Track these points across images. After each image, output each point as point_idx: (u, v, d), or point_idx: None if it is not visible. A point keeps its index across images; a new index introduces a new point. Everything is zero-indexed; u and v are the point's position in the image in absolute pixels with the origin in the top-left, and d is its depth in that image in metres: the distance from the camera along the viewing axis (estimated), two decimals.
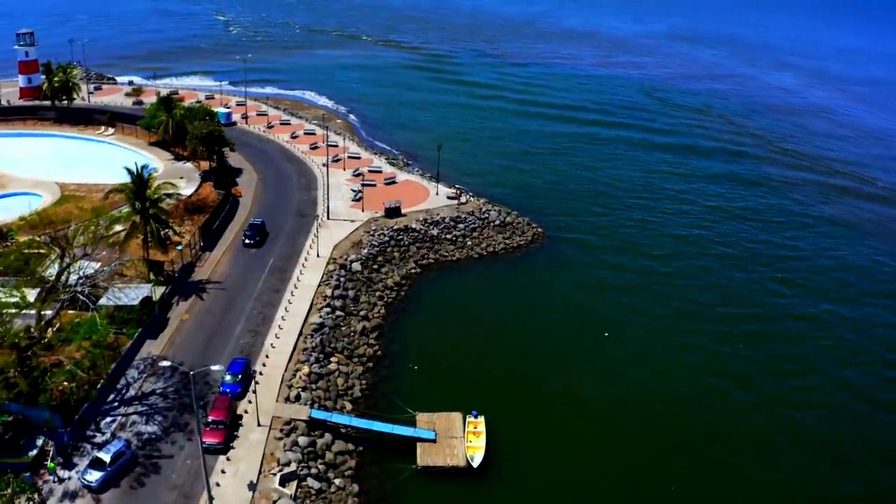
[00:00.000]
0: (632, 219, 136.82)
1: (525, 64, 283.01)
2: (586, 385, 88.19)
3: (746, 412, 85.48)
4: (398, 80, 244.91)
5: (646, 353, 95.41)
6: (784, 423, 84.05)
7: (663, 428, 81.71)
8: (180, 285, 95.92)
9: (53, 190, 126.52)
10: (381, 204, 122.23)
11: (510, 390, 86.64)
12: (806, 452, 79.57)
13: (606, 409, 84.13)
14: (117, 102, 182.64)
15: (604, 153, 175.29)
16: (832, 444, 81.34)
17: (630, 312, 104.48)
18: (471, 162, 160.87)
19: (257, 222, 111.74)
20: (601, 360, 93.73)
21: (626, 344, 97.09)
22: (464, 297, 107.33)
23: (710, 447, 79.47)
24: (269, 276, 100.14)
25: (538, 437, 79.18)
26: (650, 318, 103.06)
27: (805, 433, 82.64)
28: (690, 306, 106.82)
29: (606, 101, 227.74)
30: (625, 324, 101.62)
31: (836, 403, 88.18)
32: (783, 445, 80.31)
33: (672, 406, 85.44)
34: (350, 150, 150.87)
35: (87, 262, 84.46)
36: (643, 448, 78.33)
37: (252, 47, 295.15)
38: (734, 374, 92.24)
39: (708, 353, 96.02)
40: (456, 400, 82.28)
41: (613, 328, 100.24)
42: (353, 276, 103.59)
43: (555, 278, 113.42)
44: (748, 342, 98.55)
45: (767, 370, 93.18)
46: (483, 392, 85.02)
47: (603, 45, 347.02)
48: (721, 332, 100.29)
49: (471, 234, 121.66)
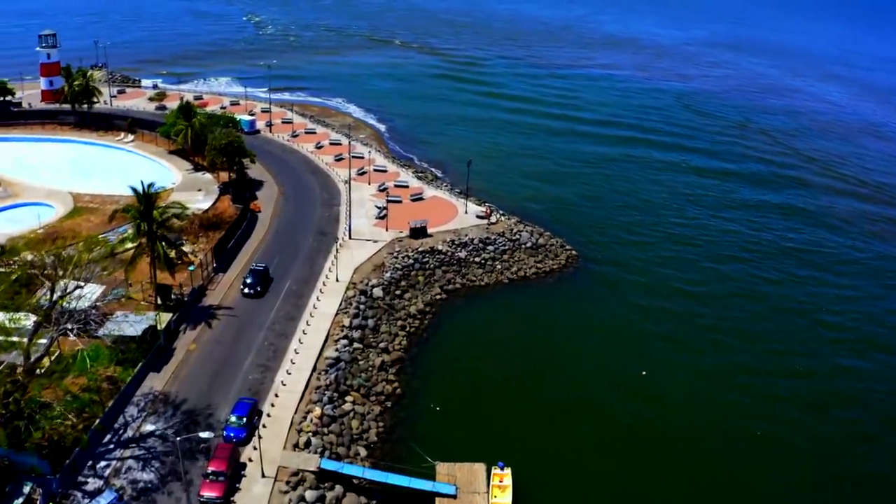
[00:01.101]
0: (670, 244, 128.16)
1: (561, 73, 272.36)
2: (624, 431, 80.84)
3: (804, 467, 77.52)
4: (429, 87, 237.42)
5: (688, 396, 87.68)
6: (851, 480, 76.05)
7: (712, 481, 74.08)
8: (189, 311, 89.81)
9: (66, 200, 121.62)
10: (406, 223, 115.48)
11: (540, 436, 79.38)
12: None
13: (647, 461, 76.61)
14: (140, 107, 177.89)
15: (640, 171, 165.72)
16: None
17: (669, 349, 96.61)
18: (502, 176, 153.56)
19: (259, 267, 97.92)
20: (639, 402, 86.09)
21: (665, 385, 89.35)
22: (491, 327, 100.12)
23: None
24: (285, 301, 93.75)
25: (571, 493, 71.90)
26: (690, 357, 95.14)
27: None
28: (735, 347, 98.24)
29: (644, 114, 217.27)
30: (663, 362, 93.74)
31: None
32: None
33: (719, 457, 77.94)
34: (376, 163, 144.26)
35: (88, 286, 78.72)
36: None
37: (281, 50, 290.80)
38: (783, 429, 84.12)
39: (757, 399, 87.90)
40: (480, 447, 75.51)
41: (651, 366, 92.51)
42: (373, 302, 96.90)
43: (589, 308, 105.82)
44: (793, 398, 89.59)
45: (822, 437, 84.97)
46: (510, 438, 78.15)
47: (643, 52, 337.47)
48: (768, 383, 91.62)
49: (500, 256, 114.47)
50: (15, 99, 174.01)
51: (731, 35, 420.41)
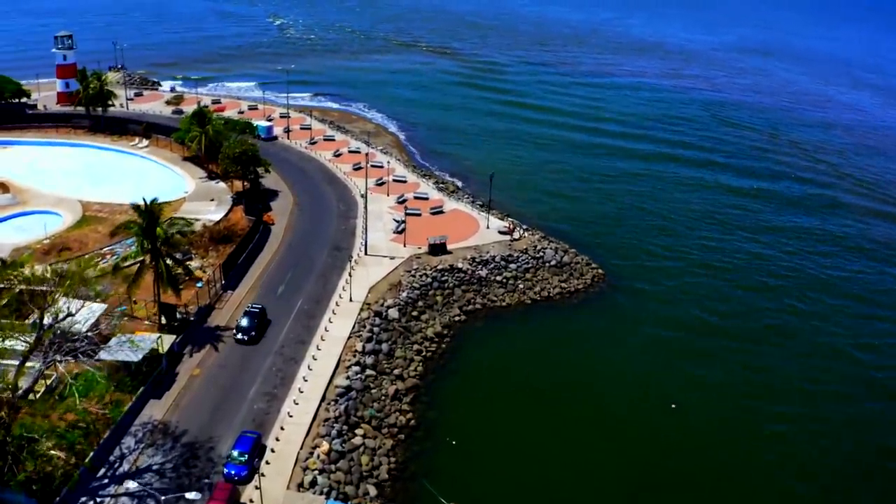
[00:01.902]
0: (699, 266, 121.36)
1: (587, 80, 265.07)
2: (652, 473, 75.43)
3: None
4: (452, 94, 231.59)
5: (719, 436, 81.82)
6: None
7: None
8: (194, 332, 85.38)
9: (75, 209, 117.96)
10: (424, 238, 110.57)
11: (563, 476, 74.06)
12: None
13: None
14: (156, 111, 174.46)
15: (668, 186, 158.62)
16: None
17: (698, 383, 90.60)
18: (525, 188, 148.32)
19: (255, 309, 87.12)
20: (668, 438, 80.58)
21: (697, 420, 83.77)
22: (512, 352, 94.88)
23: None
24: (295, 323, 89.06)
25: None
26: (720, 393, 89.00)
27: None
28: (766, 386, 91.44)
29: (672, 125, 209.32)
30: (695, 393, 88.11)
31: None
32: None
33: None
34: (396, 173, 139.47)
35: (86, 308, 74.53)
36: None
37: (303, 53, 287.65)
38: (831, 470, 78.32)
39: (803, 440, 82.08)
40: (498, 486, 71.00)
41: (682, 398, 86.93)
42: (388, 324, 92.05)
43: (616, 332, 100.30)
44: (829, 448, 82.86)
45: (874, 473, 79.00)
46: (530, 476, 73.08)
47: (670, 58, 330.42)
48: (799, 429, 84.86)
49: (523, 275, 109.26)
50: (31, 101, 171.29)
51: (759, 40, 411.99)
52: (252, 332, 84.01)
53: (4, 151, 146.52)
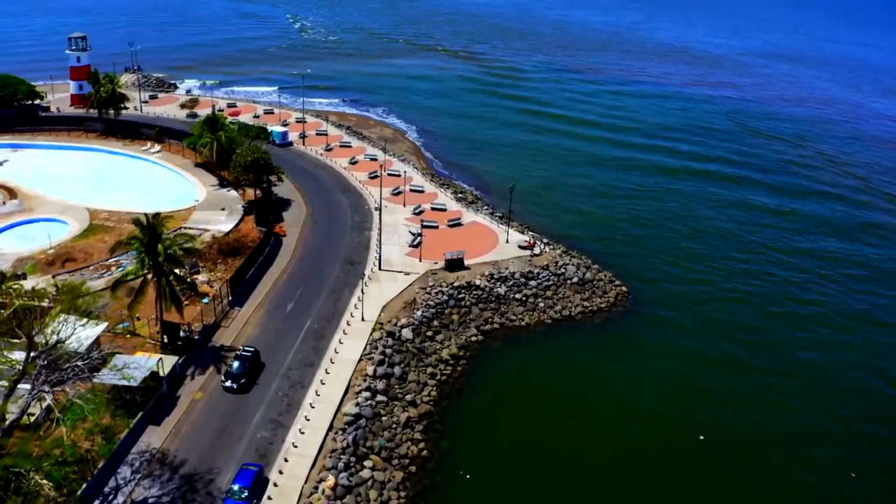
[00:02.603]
0: (730, 286, 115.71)
1: (611, 86, 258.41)
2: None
3: None
4: (472, 100, 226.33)
5: (753, 470, 76.85)
6: None
7: None
8: (199, 353, 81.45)
9: (82, 217, 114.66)
10: (441, 252, 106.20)
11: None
12: None
13: None
14: (171, 114, 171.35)
15: (694, 198, 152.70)
16: None
17: (729, 410, 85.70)
18: (546, 199, 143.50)
19: (247, 352, 78.33)
20: (696, 474, 75.76)
21: (726, 456, 78.62)
22: (531, 375, 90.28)
23: None
24: (304, 344, 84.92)
25: None
26: (753, 422, 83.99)
27: None
28: (806, 416, 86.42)
29: (698, 133, 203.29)
30: (723, 425, 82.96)
31: None
32: None
33: None
34: (413, 182, 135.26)
35: (82, 331, 70.69)
36: None
37: (322, 56, 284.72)
38: None
39: (832, 477, 76.97)
40: None
41: (710, 429, 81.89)
42: (401, 345, 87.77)
43: (640, 356, 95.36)
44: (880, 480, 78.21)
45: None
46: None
47: (696, 63, 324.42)
48: (844, 458, 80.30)
49: (543, 293, 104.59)
50: (44, 103, 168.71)
51: (786, 45, 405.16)
52: (242, 380, 75.76)
53: (15, 155, 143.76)
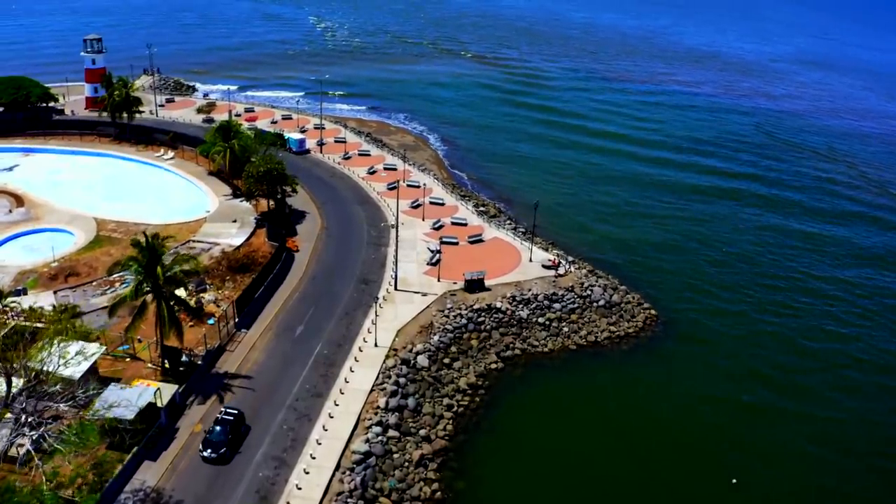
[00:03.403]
0: (763, 309, 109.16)
1: (639, 97, 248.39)
2: None
3: None
4: (496, 107, 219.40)
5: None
6: None
7: None
8: (201, 380, 76.61)
9: (89, 227, 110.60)
10: (461, 272, 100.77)
11: None
12: None
13: None
14: (186, 119, 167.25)
15: (726, 214, 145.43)
16: None
17: (762, 452, 79.50)
18: (571, 214, 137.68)
19: (229, 415, 68.22)
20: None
21: (761, 501, 72.84)
22: (555, 407, 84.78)
23: None
24: (313, 371, 79.85)
25: None
26: (789, 468, 77.60)
27: None
28: (845, 466, 79.85)
29: (729, 146, 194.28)
30: (756, 469, 76.93)
31: None
32: None
33: None
34: (433, 194, 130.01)
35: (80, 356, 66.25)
36: None
37: (344, 59, 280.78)
38: None
39: None
40: None
41: (742, 472, 75.82)
42: (416, 374, 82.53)
43: (671, 387, 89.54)
44: None
45: None
46: None
47: (727, 69, 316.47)
48: None
49: (568, 316, 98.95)
50: (58, 105, 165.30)
51: (818, 52, 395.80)
52: (222, 449, 65.75)
53: (26, 159, 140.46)
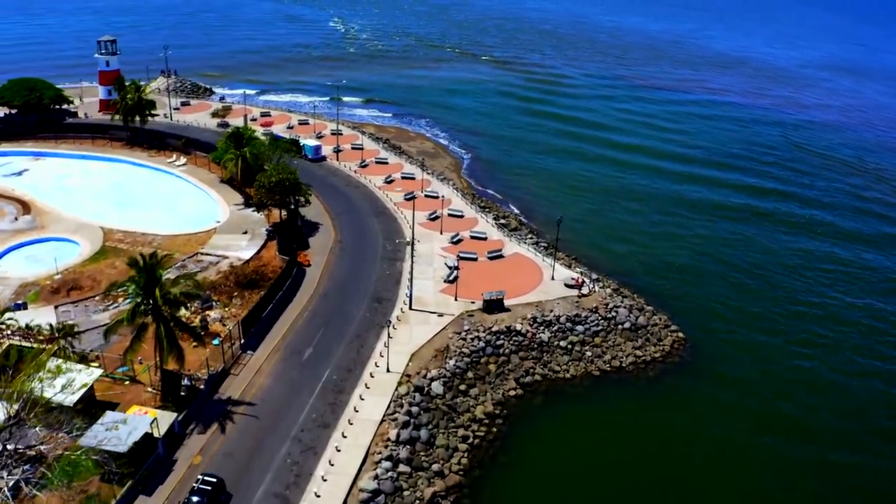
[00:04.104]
0: (798, 337, 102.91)
1: (666, 105, 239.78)
2: None
3: None
4: (520, 113, 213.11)
5: None
6: None
7: None
8: (203, 406, 72.37)
9: (95, 237, 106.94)
10: (479, 290, 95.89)
11: None
12: None
13: None
14: (201, 123, 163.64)
15: (757, 231, 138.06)
16: None
17: (798, 491, 74.26)
18: (595, 228, 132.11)
19: (206, 485, 60.74)
20: None
21: None
22: (576, 439, 79.99)
23: None
24: (320, 399, 75.36)
25: None
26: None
27: None
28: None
29: (760, 156, 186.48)
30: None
31: None
32: None
33: None
34: (452, 205, 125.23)
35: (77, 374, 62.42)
36: None
37: (364, 62, 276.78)
38: None
39: None
40: None
41: None
42: (430, 402, 77.86)
43: (698, 418, 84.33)
44: None
45: None
46: None
47: (756, 76, 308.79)
48: None
49: (591, 339, 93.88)
50: (72, 108, 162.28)
51: (846, 57, 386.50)
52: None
53: (36, 164, 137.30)
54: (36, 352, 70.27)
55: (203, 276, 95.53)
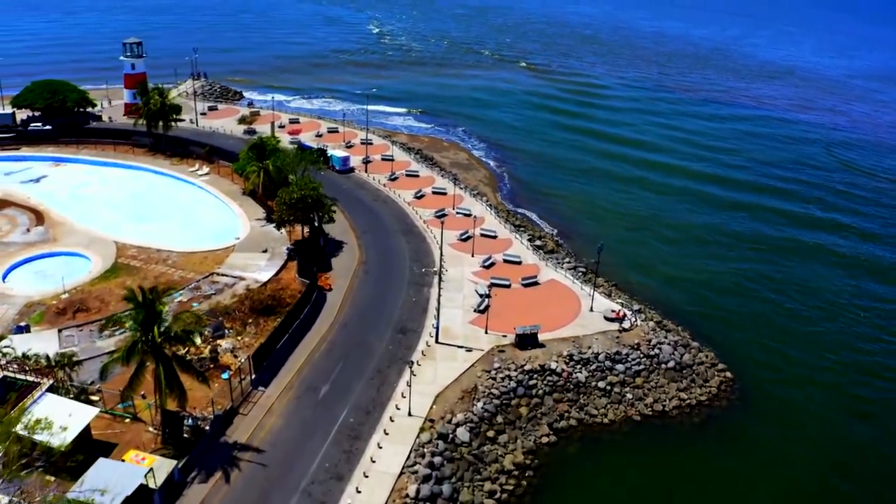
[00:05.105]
0: (859, 376, 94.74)
1: (710, 117, 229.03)
2: None
3: None
4: (557, 124, 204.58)
5: None
6: None
7: None
8: (207, 450, 66.18)
9: (108, 252, 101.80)
10: (511, 322, 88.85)
11: None
12: None
13: None
14: (227, 129, 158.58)
15: (805, 260, 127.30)
16: None
17: None
18: (635, 250, 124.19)
19: None
20: None
21: None
22: (615, 491, 72.80)
23: None
24: (335, 445, 68.83)
25: None
26: None
27: None
28: None
29: (806, 176, 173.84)
30: None
31: None
32: None
33: None
34: (485, 224, 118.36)
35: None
36: None
37: (399, 66, 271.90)
38: None
39: None
40: None
41: None
42: (454, 451, 71.06)
43: (751, 470, 76.44)
44: None
45: None
46: None
47: (803, 86, 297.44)
48: None
49: (633, 380, 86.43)
50: (96, 111, 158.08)
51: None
52: None
53: (55, 170, 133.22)
54: (26, 388, 65.13)
55: (217, 299, 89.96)
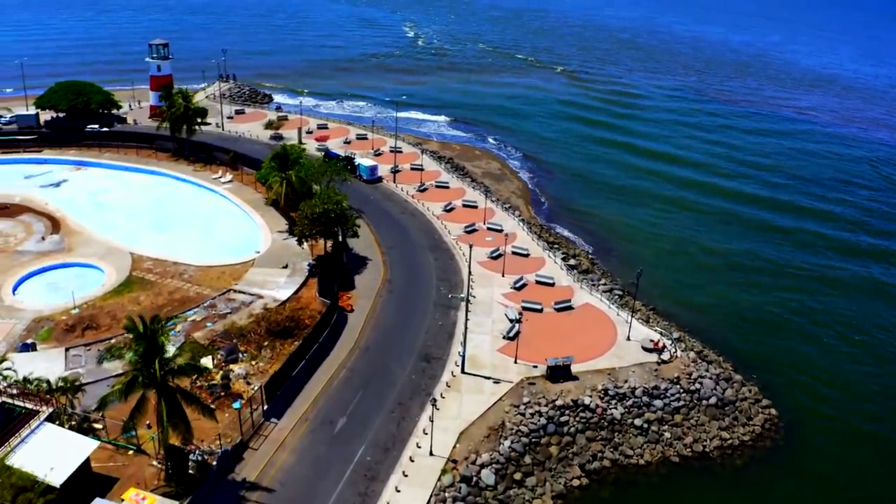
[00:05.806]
0: None
1: (753, 132, 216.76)
2: None
3: None
4: (593, 135, 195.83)
5: None
6: None
7: None
8: (213, 490, 61.56)
9: (123, 264, 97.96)
10: (542, 351, 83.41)
11: None
12: None
13: None
14: (253, 134, 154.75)
15: (854, 294, 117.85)
16: None
17: None
18: (674, 273, 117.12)
19: None
20: None
21: None
22: None
23: None
24: (349, 486, 63.82)
25: None
26: None
27: None
28: None
29: (852, 196, 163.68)
30: None
31: None
32: None
33: None
34: (517, 241, 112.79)
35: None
36: None
37: (433, 70, 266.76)
38: None
39: None
40: None
41: None
42: (478, 495, 65.88)
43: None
44: None
45: None
46: None
47: (844, 95, 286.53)
48: None
49: (671, 417, 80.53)
50: (121, 113, 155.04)
51: None
52: None
53: (76, 174, 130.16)
54: (24, 416, 61.02)
55: (232, 319, 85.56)
